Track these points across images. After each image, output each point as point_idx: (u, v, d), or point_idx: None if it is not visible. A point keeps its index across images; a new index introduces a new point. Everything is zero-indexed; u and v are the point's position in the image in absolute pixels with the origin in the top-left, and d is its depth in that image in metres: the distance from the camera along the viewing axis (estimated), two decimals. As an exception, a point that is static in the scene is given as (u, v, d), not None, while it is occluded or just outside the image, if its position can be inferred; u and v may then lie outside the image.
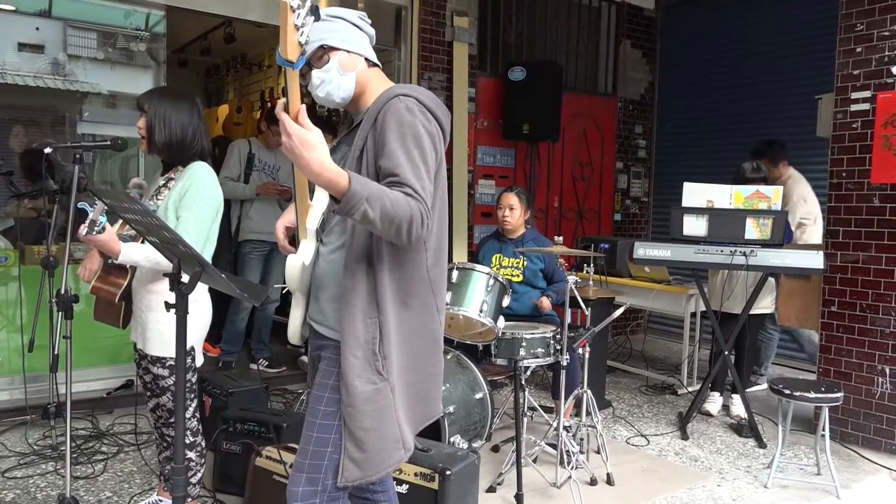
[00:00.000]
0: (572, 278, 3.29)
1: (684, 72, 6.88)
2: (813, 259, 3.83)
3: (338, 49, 1.79)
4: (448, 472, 2.56)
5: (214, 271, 1.71)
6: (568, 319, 3.31)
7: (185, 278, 1.76)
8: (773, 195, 4.02)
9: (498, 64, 6.00)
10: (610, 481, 3.39)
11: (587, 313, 3.52)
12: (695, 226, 4.11)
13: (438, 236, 1.83)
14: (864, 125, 3.96)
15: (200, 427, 2.70)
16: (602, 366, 4.64)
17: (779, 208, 4.00)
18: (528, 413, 3.87)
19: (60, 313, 2.71)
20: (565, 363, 3.34)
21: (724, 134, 6.34)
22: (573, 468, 3.25)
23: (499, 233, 4.12)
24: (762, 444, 4.00)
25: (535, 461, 3.42)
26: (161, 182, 2.61)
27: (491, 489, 3.22)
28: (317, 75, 1.79)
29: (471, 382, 3.49)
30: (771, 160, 4.82)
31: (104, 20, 4.51)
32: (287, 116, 1.50)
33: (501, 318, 3.26)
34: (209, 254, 2.52)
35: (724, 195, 4.10)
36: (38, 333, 3.29)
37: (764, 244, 3.94)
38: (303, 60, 1.50)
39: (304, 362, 4.99)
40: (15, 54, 4.28)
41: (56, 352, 2.95)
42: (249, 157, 4.91)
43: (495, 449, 3.73)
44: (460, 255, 5.42)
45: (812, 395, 3.37)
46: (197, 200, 2.46)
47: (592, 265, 3.67)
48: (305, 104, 1.52)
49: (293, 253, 1.83)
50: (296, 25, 1.43)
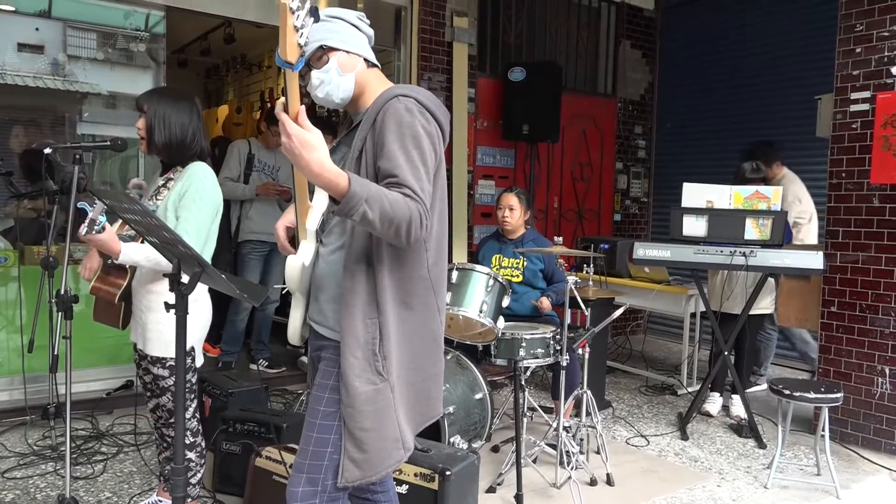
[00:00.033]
0: (572, 279, 3.29)
1: (684, 72, 6.88)
2: (812, 259, 3.83)
3: (337, 50, 1.79)
4: (448, 473, 2.56)
5: (214, 271, 1.71)
6: (568, 320, 3.31)
7: (185, 279, 1.76)
8: (773, 196, 4.02)
9: (498, 64, 6.00)
10: (610, 482, 3.39)
11: (587, 314, 3.53)
12: (694, 226, 4.11)
13: (439, 236, 1.83)
14: (864, 125, 3.96)
15: (200, 427, 2.70)
16: (602, 366, 4.64)
17: (778, 209, 4.00)
18: (528, 413, 3.87)
19: (60, 314, 2.71)
20: (565, 363, 3.34)
21: (724, 134, 6.34)
22: (573, 468, 3.25)
23: (499, 233, 4.12)
24: (762, 445, 4.00)
25: (535, 461, 3.42)
26: (160, 182, 2.60)
27: (491, 489, 3.22)
28: (316, 76, 1.79)
29: (471, 383, 3.49)
30: (764, 161, 4.80)
31: (104, 21, 4.51)
32: (287, 117, 1.49)
33: (501, 319, 3.26)
34: (209, 254, 2.52)
35: (724, 195, 4.11)
36: (38, 334, 3.29)
37: (763, 244, 3.95)
38: (302, 62, 1.49)
39: (304, 363, 4.99)
40: (15, 55, 4.27)
41: (56, 352, 2.95)
42: (249, 158, 4.92)
43: (495, 449, 3.73)
44: (460, 256, 5.42)
45: (812, 396, 3.38)
46: (196, 200, 2.45)
47: (592, 265, 3.67)
48: (305, 105, 1.52)
49: (293, 253, 1.83)
50: (295, 27, 1.42)
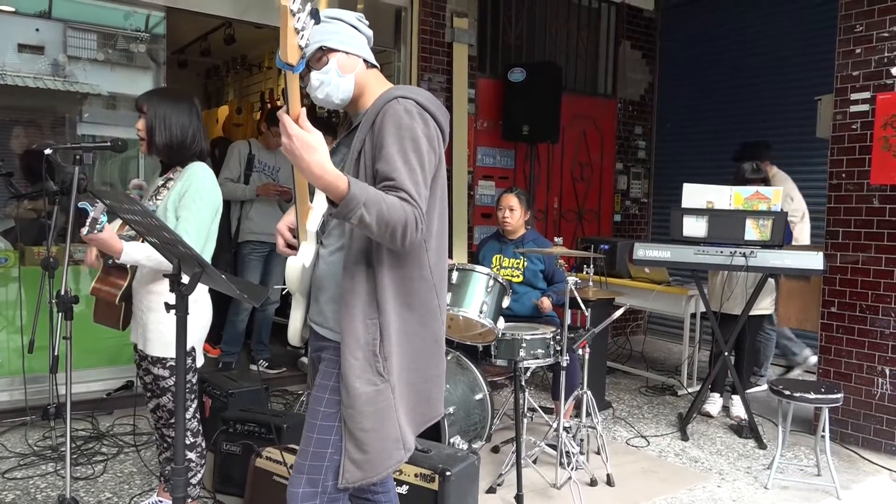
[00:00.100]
0: (572, 279, 3.29)
1: (684, 73, 6.88)
2: (812, 260, 3.83)
3: (337, 51, 1.79)
4: (448, 473, 2.56)
5: (214, 272, 1.71)
6: (568, 320, 3.31)
7: (186, 279, 1.76)
8: (773, 196, 4.02)
9: (498, 65, 6.00)
10: (610, 482, 3.39)
11: (587, 314, 3.53)
12: (694, 227, 4.11)
13: (439, 236, 1.83)
14: (864, 126, 3.96)
15: (201, 428, 2.70)
16: (602, 367, 4.64)
17: (779, 209, 4.00)
18: (528, 414, 3.87)
19: (60, 314, 2.71)
20: (565, 364, 3.34)
21: (724, 135, 6.33)
22: (573, 469, 3.25)
23: (499, 234, 4.12)
24: (762, 445, 4.00)
25: (535, 462, 3.42)
26: (160, 182, 2.60)
27: (491, 490, 3.22)
28: (316, 77, 1.79)
29: (471, 383, 3.49)
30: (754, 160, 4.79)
31: (104, 21, 4.51)
32: (288, 118, 1.49)
33: (501, 319, 3.26)
34: (209, 254, 2.52)
35: (724, 196, 4.11)
36: (38, 334, 3.29)
37: (764, 245, 3.95)
38: (303, 64, 1.49)
39: (304, 363, 4.99)
40: (15, 55, 4.27)
41: (56, 353, 2.95)
42: (249, 158, 4.92)
43: (495, 450, 3.73)
44: (460, 256, 5.42)
45: (812, 396, 3.38)
46: (196, 200, 2.46)
47: (592, 266, 3.67)
48: (305, 106, 1.52)
49: (291, 254, 1.83)
50: (296, 29, 1.42)
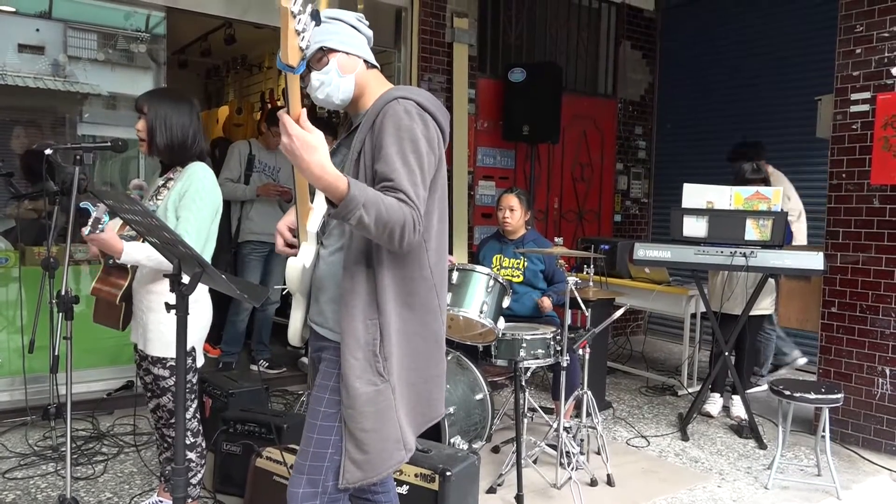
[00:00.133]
0: (572, 279, 3.29)
1: (684, 73, 6.88)
2: (813, 260, 3.83)
3: (337, 51, 1.79)
4: (448, 473, 2.56)
5: (214, 272, 1.71)
6: (568, 320, 3.31)
7: (186, 279, 1.76)
8: (773, 196, 4.02)
9: (498, 65, 6.00)
10: (610, 482, 3.39)
11: (587, 314, 3.53)
12: (695, 227, 4.11)
13: (440, 236, 1.83)
14: (864, 126, 3.96)
15: (201, 428, 2.70)
16: (602, 367, 4.64)
17: (779, 209, 4.00)
18: (529, 414, 3.87)
19: (61, 314, 2.71)
20: (565, 364, 3.34)
21: (724, 135, 6.31)
22: (573, 469, 3.25)
23: (499, 234, 4.12)
24: (762, 445, 4.00)
25: (536, 462, 3.43)
26: (160, 182, 2.61)
27: (491, 490, 3.22)
28: (316, 77, 1.79)
29: (471, 383, 3.49)
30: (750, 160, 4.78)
31: (104, 21, 4.52)
32: (289, 118, 1.49)
33: (501, 319, 3.26)
34: (209, 254, 2.52)
35: (724, 196, 4.11)
36: (39, 334, 3.29)
37: (764, 245, 3.95)
38: (304, 65, 1.49)
39: (305, 363, 4.99)
40: (15, 55, 4.28)
41: (56, 353, 2.95)
42: (250, 159, 4.92)
43: (495, 450, 3.73)
44: (460, 256, 5.42)
45: (812, 397, 3.38)
46: (196, 200, 2.46)
47: (592, 266, 3.67)
48: (306, 106, 1.52)
49: (290, 254, 1.83)
50: (297, 31, 1.42)
